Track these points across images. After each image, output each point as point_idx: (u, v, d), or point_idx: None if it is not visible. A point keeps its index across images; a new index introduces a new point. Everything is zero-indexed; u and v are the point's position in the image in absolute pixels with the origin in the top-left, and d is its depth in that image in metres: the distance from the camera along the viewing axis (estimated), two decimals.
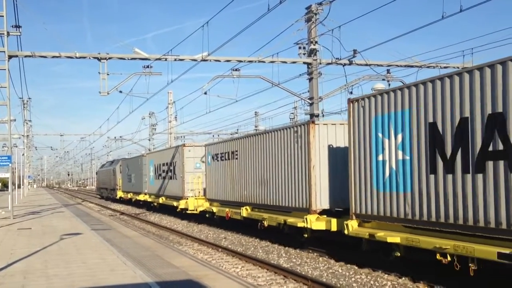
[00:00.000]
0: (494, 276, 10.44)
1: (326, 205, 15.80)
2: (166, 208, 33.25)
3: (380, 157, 12.75)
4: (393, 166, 12.26)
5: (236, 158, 21.84)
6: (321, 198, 15.82)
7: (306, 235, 16.14)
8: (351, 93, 24.82)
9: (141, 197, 39.96)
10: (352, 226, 13.52)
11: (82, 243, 15.32)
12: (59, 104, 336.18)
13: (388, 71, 25.98)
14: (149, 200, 37.79)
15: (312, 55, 23.48)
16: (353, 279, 12.12)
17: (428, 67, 25.63)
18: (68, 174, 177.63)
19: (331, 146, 16.10)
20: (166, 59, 24.03)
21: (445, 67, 25.71)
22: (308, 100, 24.15)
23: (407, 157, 11.82)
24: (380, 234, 12.27)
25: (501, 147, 9.44)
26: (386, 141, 12.56)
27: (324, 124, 16.55)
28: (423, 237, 11.12)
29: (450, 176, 10.55)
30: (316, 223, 15.35)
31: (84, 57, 23.95)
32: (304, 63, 23.97)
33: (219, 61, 24.17)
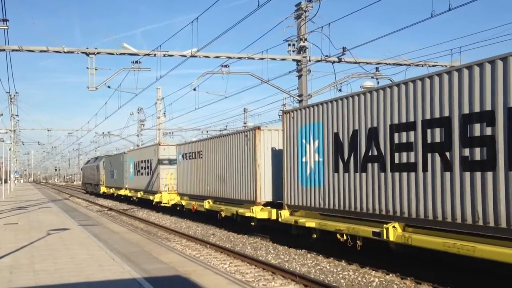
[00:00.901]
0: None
1: (269, 198, 18.92)
2: (146, 202, 35.75)
3: (304, 159, 15.85)
4: (312, 166, 15.38)
5: (201, 157, 24.89)
6: (265, 192, 18.94)
7: (253, 223, 19.26)
8: (340, 90, 25.10)
9: (122, 192, 42.92)
10: (284, 215, 16.66)
11: (69, 239, 15.37)
12: (47, 99, 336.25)
13: (377, 69, 25.89)
14: (129, 194, 40.75)
15: (301, 52, 23.48)
16: (341, 275, 12.41)
17: (417, 65, 25.64)
18: (56, 169, 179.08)
19: (274, 149, 19.19)
20: (155, 55, 23.79)
21: (433, 66, 25.76)
22: (298, 97, 24.24)
23: (321, 159, 14.94)
24: (301, 221, 15.42)
25: (376, 152, 12.59)
26: (308, 146, 15.66)
27: (268, 130, 19.65)
28: (329, 222, 14.28)
29: (346, 175, 13.70)
30: (260, 213, 18.48)
31: (72, 52, 23.62)
32: (294, 60, 23.89)
33: (208, 57, 23.97)
